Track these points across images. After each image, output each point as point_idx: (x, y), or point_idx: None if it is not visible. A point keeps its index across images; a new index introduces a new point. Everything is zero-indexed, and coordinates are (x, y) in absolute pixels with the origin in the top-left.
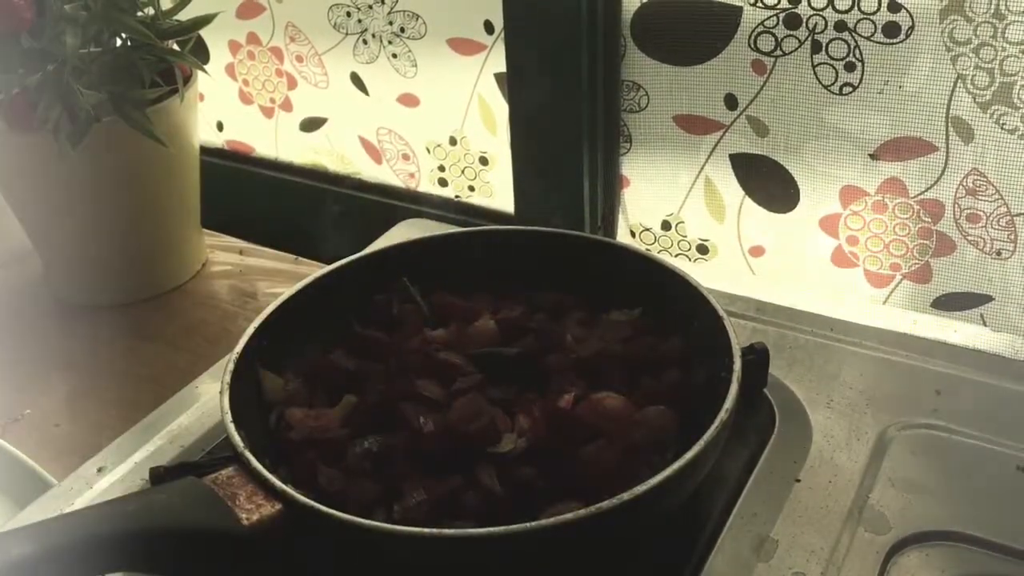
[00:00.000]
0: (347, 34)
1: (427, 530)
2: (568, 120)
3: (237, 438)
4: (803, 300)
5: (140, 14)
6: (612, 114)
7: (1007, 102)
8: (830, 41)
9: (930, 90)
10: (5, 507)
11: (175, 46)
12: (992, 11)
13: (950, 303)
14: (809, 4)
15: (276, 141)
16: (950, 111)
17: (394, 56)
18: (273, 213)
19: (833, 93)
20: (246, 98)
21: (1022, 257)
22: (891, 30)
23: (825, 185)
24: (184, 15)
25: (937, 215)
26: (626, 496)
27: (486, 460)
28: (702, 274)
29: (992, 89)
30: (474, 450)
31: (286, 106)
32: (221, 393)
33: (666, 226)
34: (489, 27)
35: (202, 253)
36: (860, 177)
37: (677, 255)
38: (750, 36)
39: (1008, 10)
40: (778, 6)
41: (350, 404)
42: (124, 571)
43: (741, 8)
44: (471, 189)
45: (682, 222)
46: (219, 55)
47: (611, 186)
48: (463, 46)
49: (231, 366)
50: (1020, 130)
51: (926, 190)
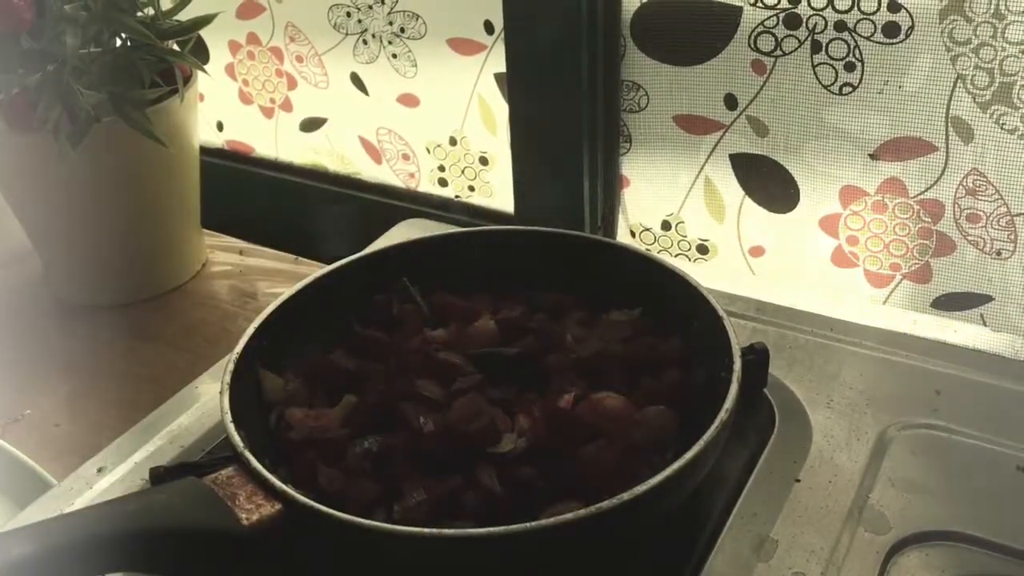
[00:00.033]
0: (347, 34)
1: (427, 530)
2: (568, 120)
3: (237, 438)
4: (803, 300)
5: (140, 14)
6: (612, 114)
7: (1007, 102)
8: (830, 41)
9: (930, 90)
10: (5, 507)
11: (175, 46)
12: (992, 11)
13: (950, 303)
14: (809, 4)
15: (276, 141)
16: (950, 111)
17: (394, 56)
18: (273, 213)
19: (833, 93)
20: (246, 98)
21: (1022, 257)
22: (891, 30)
23: (825, 185)
24: (184, 15)
25: (937, 215)
26: (626, 496)
27: (486, 460)
28: (702, 274)
29: (992, 89)
30: (474, 450)
31: (286, 106)
32: (221, 393)
33: (666, 226)
34: (489, 27)
35: (202, 253)
36: (860, 177)
37: (677, 255)
38: (750, 36)
39: (1008, 10)
40: (778, 6)
41: (350, 404)
42: (124, 571)
43: (741, 8)
44: (471, 189)
45: (682, 222)
46: (219, 55)
47: (611, 186)
48: (463, 46)
49: (231, 366)
50: (1020, 130)
51: (926, 190)
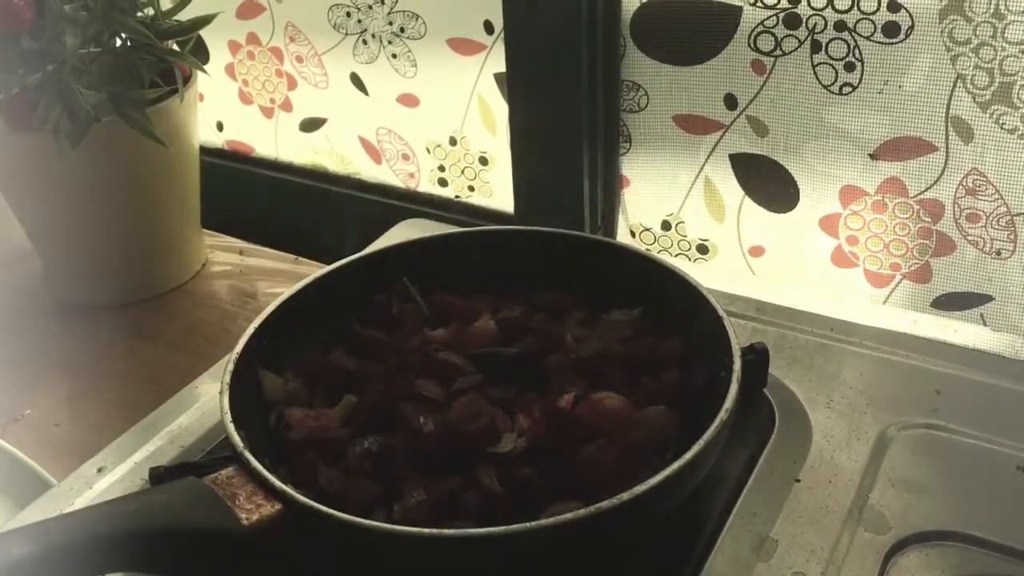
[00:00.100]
0: (347, 34)
1: (427, 530)
2: (568, 120)
3: (237, 438)
4: (803, 300)
5: (140, 14)
6: (612, 114)
7: (1007, 102)
8: (830, 41)
9: (930, 90)
10: (5, 507)
11: (175, 46)
12: (992, 11)
13: (950, 303)
14: (809, 4)
15: (276, 141)
16: (950, 111)
17: (394, 56)
18: (273, 213)
19: (833, 93)
20: (246, 98)
21: (1022, 257)
22: (891, 30)
23: (825, 185)
24: (184, 15)
25: (937, 215)
26: (626, 496)
27: (486, 460)
28: (702, 274)
29: (992, 89)
30: (474, 450)
31: (286, 106)
32: (221, 393)
33: (666, 226)
34: (489, 27)
35: (202, 253)
36: (860, 177)
37: (677, 255)
38: (750, 36)
39: (1008, 10)
40: (778, 6)
41: (350, 404)
42: (124, 571)
43: (741, 8)
44: (471, 189)
45: (682, 222)
46: (219, 55)
47: (611, 186)
48: (463, 46)
49: (231, 366)
50: (1020, 130)
51: (926, 190)
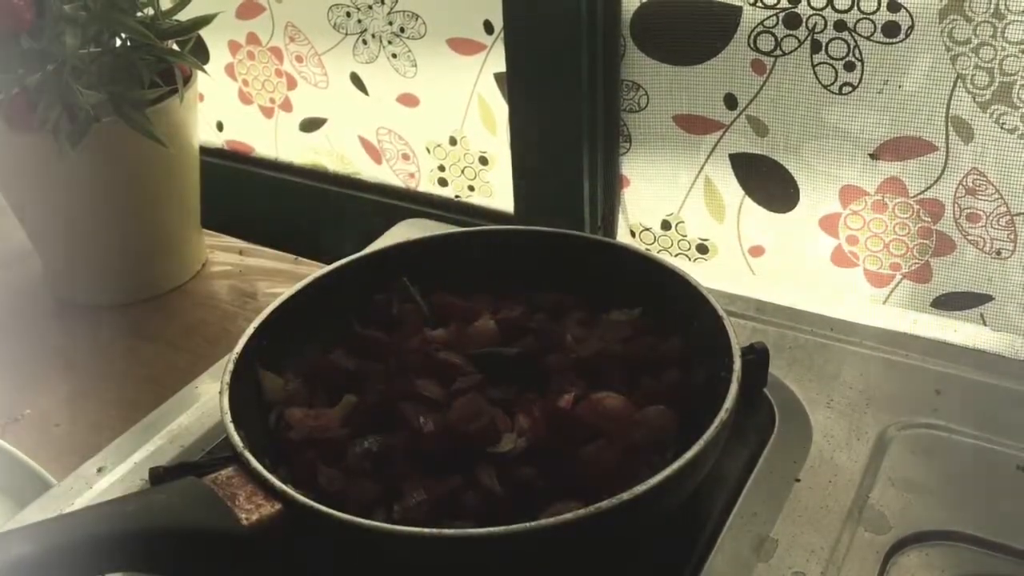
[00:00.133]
0: (347, 34)
1: (427, 530)
2: (568, 120)
3: (237, 438)
4: (803, 300)
5: (140, 14)
6: (612, 114)
7: (1007, 102)
8: (830, 41)
9: (930, 90)
10: (5, 507)
11: (175, 46)
12: (992, 11)
13: (950, 303)
14: (809, 4)
15: (276, 141)
16: (950, 111)
17: (394, 56)
18: (273, 213)
19: (833, 93)
20: (246, 98)
21: (1022, 257)
22: (891, 30)
23: (825, 185)
24: (184, 15)
25: (937, 215)
26: (626, 496)
27: (486, 460)
28: (702, 274)
29: (992, 89)
30: (474, 450)
31: (286, 106)
32: (221, 393)
33: (666, 226)
34: (489, 27)
35: (202, 253)
36: (860, 177)
37: (677, 255)
38: (750, 36)
39: (1008, 10)
40: (778, 6)
41: (350, 404)
42: (124, 571)
43: (741, 8)
44: (471, 189)
45: (682, 222)
46: (219, 55)
47: (611, 186)
48: (463, 46)
49: (231, 366)
50: (1020, 130)
51: (926, 190)
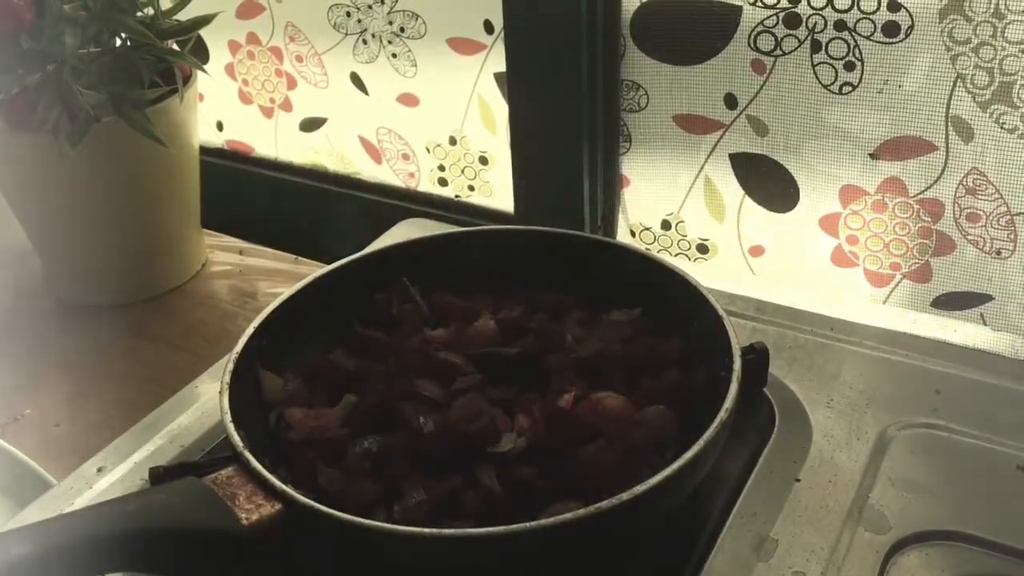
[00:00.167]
0: (347, 34)
1: (427, 530)
2: (568, 120)
3: (237, 438)
4: (803, 300)
5: (140, 14)
6: (612, 114)
7: (1007, 101)
8: (830, 40)
9: (930, 89)
10: (5, 507)
11: (175, 46)
12: (992, 10)
13: (950, 302)
14: (809, 4)
15: (276, 141)
16: (950, 110)
17: (394, 56)
18: (273, 213)
19: (833, 92)
20: (246, 98)
21: (1022, 257)
22: (891, 29)
23: (825, 184)
24: (184, 15)
25: (937, 214)
26: (626, 496)
27: (486, 460)
28: (702, 274)
29: (992, 88)
30: (474, 450)
31: (286, 106)
32: (221, 393)
33: (666, 226)
34: (489, 27)
35: (202, 253)
36: (860, 176)
37: (677, 255)
38: (750, 36)
39: (1008, 9)
40: (778, 6)
41: (350, 404)
42: (124, 571)
43: (741, 8)
44: (471, 189)
45: (682, 222)
46: (219, 55)
47: (611, 186)
48: (463, 46)
49: (231, 366)
50: (1020, 129)
51: (926, 189)
